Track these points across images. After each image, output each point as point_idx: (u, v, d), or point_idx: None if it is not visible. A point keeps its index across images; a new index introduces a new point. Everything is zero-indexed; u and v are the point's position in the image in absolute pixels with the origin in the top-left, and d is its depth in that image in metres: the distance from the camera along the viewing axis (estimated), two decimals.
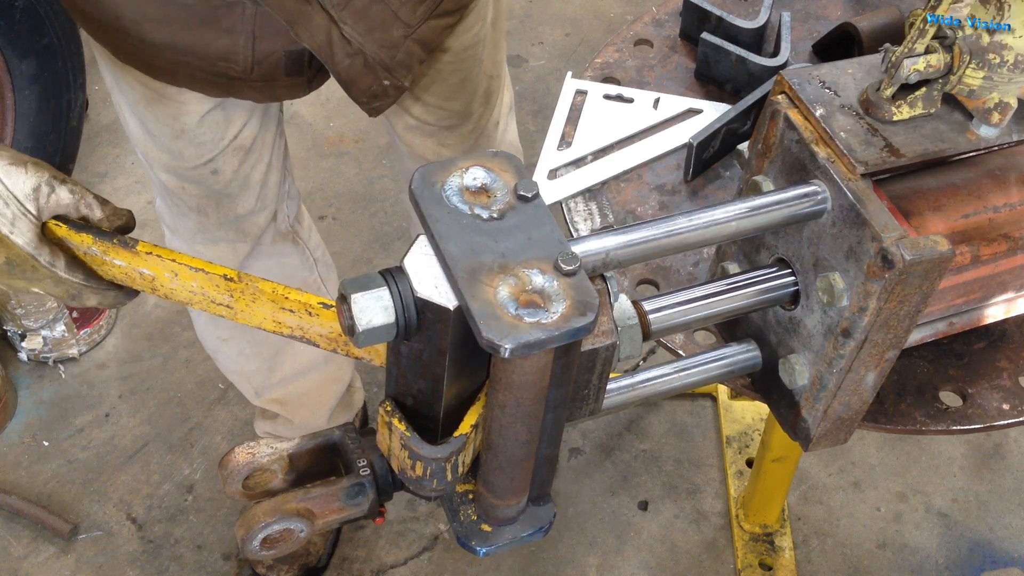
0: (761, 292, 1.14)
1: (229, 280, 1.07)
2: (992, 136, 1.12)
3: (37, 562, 2.37)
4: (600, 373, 1.02)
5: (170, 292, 1.09)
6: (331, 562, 2.38)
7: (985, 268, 1.20)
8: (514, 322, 0.81)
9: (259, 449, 1.03)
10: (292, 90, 1.51)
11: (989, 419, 1.33)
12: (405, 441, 0.95)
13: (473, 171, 0.91)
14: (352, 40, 1.36)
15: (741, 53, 1.67)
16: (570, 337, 0.83)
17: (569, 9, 3.60)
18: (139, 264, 1.09)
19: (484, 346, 0.81)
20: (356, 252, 2.92)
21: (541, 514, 1.07)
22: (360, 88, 1.43)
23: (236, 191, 1.73)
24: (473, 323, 0.82)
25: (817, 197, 1.06)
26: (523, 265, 0.85)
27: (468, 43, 1.62)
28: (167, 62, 1.43)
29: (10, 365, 2.67)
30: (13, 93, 2.61)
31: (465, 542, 1.05)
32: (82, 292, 1.11)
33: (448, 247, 0.86)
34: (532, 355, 0.84)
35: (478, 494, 1.03)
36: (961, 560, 2.38)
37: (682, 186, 1.59)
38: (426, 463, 0.95)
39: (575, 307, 0.83)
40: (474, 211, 0.88)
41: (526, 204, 0.89)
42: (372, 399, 2.61)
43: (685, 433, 2.57)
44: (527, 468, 1.00)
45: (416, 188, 0.89)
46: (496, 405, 0.91)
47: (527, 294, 0.84)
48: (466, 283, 0.84)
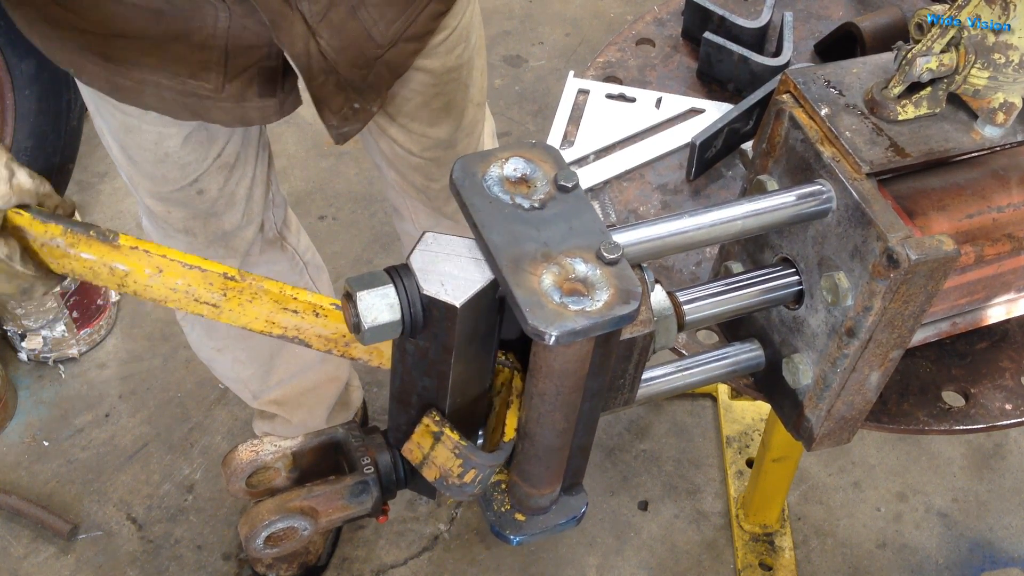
0: (765, 291, 1.14)
1: (229, 278, 1.04)
2: (996, 136, 1.12)
3: (37, 562, 2.36)
4: (636, 362, 1.03)
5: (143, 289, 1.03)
6: (331, 562, 2.37)
7: (989, 268, 1.20)
8: (559, 310, 0.82)
9: (262, 447, 1.03)
10: (263, 112, 1.47)
11: (992, 419, 1.33)
12: (460, 450, 0.96)
13: (513, 162, 0.92)
14: (327, 55, 1.36)
15: (743, 53, 1.67)
16: (614, 325, 0.83)
17: (569, 9, 3.60)
18: (113, 259, 1.02)
19: (529, 333, 0.82)
20: (356, 252, 2.92)
21: (573, 503, 1.08)
22: (331, 109, 1.43)
23: (222, 209, 1.71)
24: (518, 311, 0.82)
25: (822, 196, 1.06)
26: (566, 254, 0.86)
27: (452, 64, 1.61)
28: (134, 81, 1.39)
29: (10, 365, 2.67)
30: (13, 93, 2.60)
31: (499, 531, 1.05)
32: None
33: (491, 236, 0.87)
34: (574, 343, 0.84)
35: (512, 483, 1.04)
36: (961, 560, 2.38)
37: (684, 185, 1.59)
38: (480, 470, 0.96)
39: (618, 295, 0.84)
40: (515, 201, 0.90)
41: (566, 194, 0.91)
42: (371, 399, 2.61)
43: (685, 433, 2.57)
44: (562, 457, 1.01)
45: (457, 178, 0.90)
46: (535, 394, 0.92)
47: (570, 282, 0.85)
48: (510, 271, 0.84)
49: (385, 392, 2.64)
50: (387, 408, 2.62)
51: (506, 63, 3.43)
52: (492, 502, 1.06)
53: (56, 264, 1.04)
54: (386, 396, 2.62)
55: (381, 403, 2.63)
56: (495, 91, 3.29)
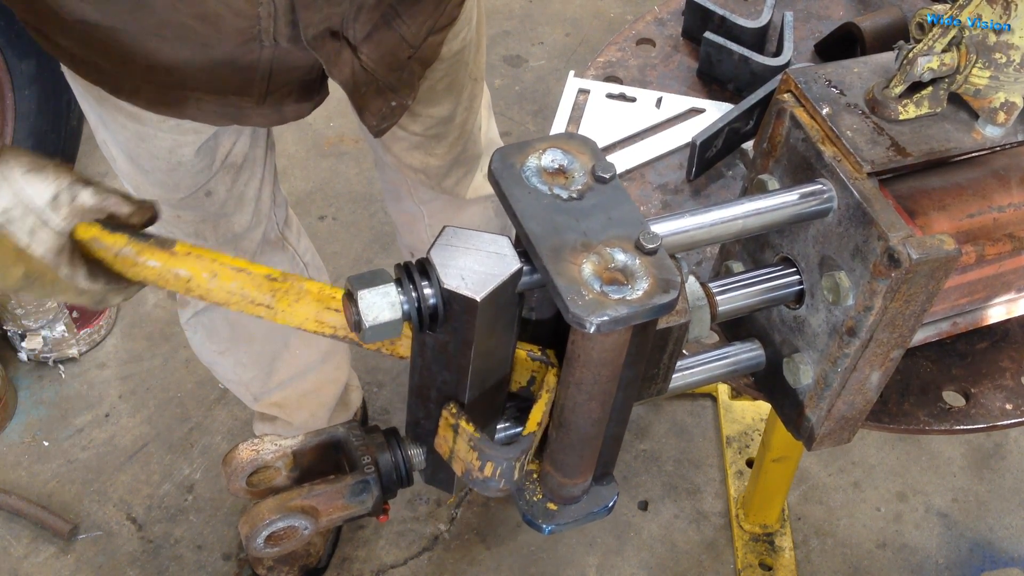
0: (765, 291, 1.14)
1: (272, 280, 1.04)
2: (997, 136, 1.12)
3: (37, 562, 2.36)
4: (671, 352, 1.04)
5: (206, 293, 1.06)
6: (331, 562, 2.37)
7: (990, 268, 1.20)
8: (599, 298, 0.83)
9: (263, 446, 1.03)
10: (299, 112, 1.50)
11: (992, 419, 1.33)
12: (475, 443, 0.96)
13: (550, 153, 0.93)
14: (367, 68, 1.39)
15: (744, 52, 1.67)
16: (654, 313, 0.84)
17: (569, 9, 3.60)
18: (176, 265, 1.05)
19: (570, 321, 0.83)
20: (356, 252, 2.92)
21: (605, 493, 1.10)
22: (372, 112, 1.47)
23: (231, 210, 1.72)
24: (559, 300, 0.83)
25: (823, 196, 1.06)
26: (605, 243, 0.87)
27: (457, 48, 1.64)
28: (174, 99, 1.40)
29: (10, 365, 2.67)
30: (13, 93, 2.60)
31: (531, 520, 1.06)
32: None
33: (531, 226, 0.88)
34: (613, 332, 0.85)
35: (544, 473, 1.05)
36: (961, 560, 2.38)
37: (685, 185, 1.59)
38: (496, 463, 0.96)
39: (658, 284, 0.85)
40: (553, 191, 0.91)
41: (604, 185, 0.92)
42: (371, 399, 2.61)
43: (685, 433, 2.57)
44: (596, 447, 1.02)
45: (496, 168, 0.92)
46: (572, 382, 0.93)
47: (610, 271, 0.86)
48: (551, 261, 0.85)
49: (385, 392, 2.64)
50: (387, 408, 2.64)
51: (506, 63, 3.43)
52: (524, 491, 1.07)
53: (131, 272, 1.07)
54: (386, 396, 2.63)
55: (381, 403, 2.63)
56: (495, 91, 3.30)
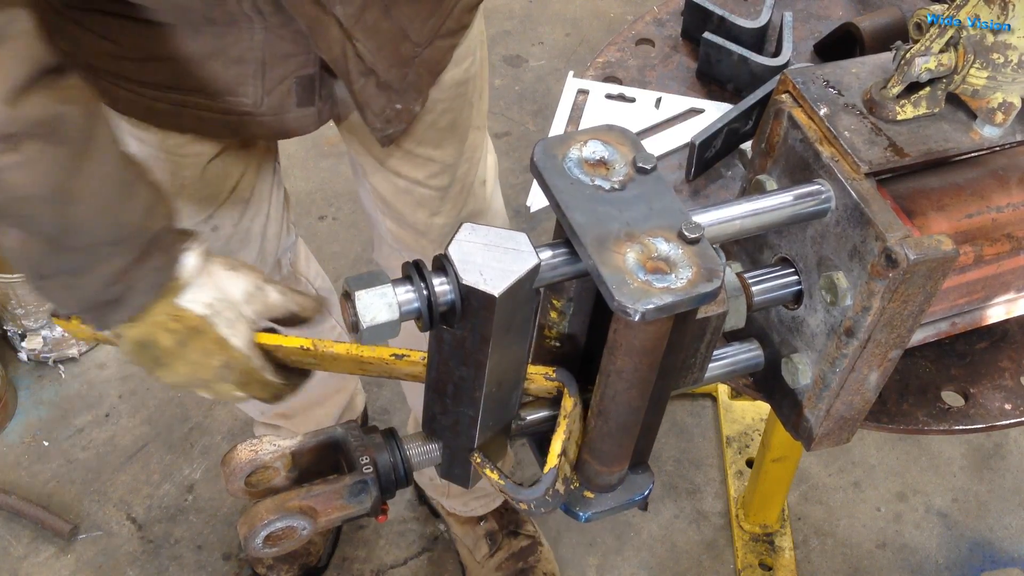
0: (765, 290, 1.14)
1: (306, 350, 1.10)
2: (995, 136, 1.12)
3: (37, 562, 2.37)
4: (708, 342, 1.06)
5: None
6: (331, 562, 2.38)
7: (988, 268, 1.20)
8: (643, 287, 0.85)
9: (262, 447, 1.03)
10: (302, 123, 1.47)
11: (991, 419, 1.33)
12: (503, 489, 1.00)
13: (591, 144, 0.95)
14: (364, 58, 1.36)
15: (743, 53, 1.67)
16: (698, 302, 0.86)
17: (569, 9, 3.60)
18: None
19: (615, 310, 0.84)
20: (356, 252, 2.92)
21: (640, 481, 1.10)
22: (374, 111, 1.43)
23: (237, 247, 1.69)
24: (604, 288, 0.85)
25: (821, 196, 1.07)
26: (648, 233, 0.89)
27: (460, 78, 1.58)
28: (171, 105, 1.39)
29: (10, 365, 2.67)
30: None
31: (568, 508, 1.07)
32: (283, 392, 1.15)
33: (574, 216, 0.89)
34: (655, 321, 0.87)
35: (582, 461, 1.06)
36: (961, 560, 2.38)
37: (684, 185, 1.59)
38: (527, 502, 1.00)
39: (701, 273, 0.86)
40: (595, 182, 0.92)
41: (645, 176, 0.94)
42: (371, 399, 2.61)
43: (685, 433, 2.57)
44: (634, 435, 1.03)
45: (538, 160, 0.93)
46: (613, 371, 0.94)
47: (654, 261, 0.87)
48: (595, 250, 0.87)
49: (384, 392, 2.64)
50: (387, 408, 2.63)
51: (506, 63, 3.43)
52: None
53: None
54: (386, 396, 2.63)
55: (381, 403, 2.63)
56: (495, 91, 3.29)
